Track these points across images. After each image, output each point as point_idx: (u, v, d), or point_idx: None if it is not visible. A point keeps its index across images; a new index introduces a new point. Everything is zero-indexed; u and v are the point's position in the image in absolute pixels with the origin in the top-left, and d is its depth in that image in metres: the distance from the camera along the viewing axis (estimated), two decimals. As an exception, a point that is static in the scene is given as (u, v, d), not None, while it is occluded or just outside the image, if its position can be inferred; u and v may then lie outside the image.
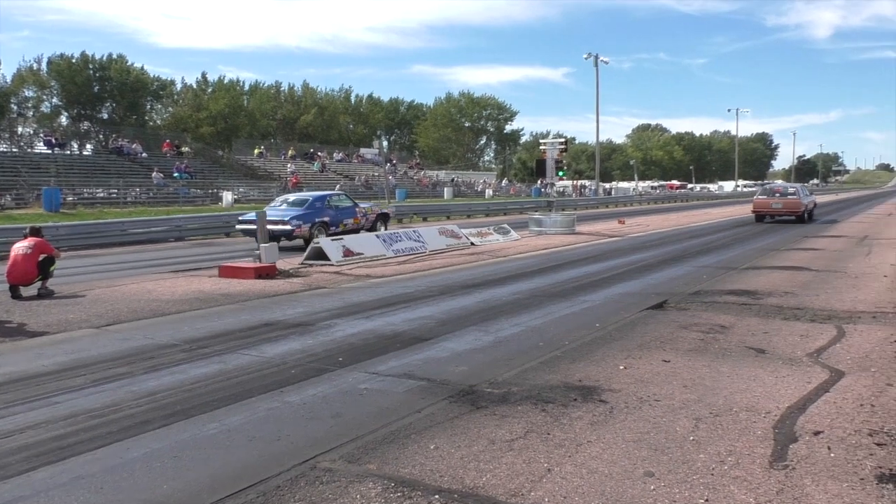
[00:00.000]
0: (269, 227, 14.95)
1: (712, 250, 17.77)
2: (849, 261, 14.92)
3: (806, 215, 27.48)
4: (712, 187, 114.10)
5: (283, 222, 16.48)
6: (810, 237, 21.39)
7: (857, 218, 33.11)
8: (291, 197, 18.73)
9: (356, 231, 18.68)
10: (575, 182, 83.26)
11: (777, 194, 28.33)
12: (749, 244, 19.30)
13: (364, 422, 5.04)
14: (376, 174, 57.63)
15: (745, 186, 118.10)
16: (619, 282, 12.18)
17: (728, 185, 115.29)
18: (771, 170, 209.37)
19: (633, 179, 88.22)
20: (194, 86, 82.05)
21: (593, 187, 72.45)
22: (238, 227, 18.02)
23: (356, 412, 5.26)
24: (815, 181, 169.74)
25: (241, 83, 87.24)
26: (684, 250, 17.71)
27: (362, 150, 71.86)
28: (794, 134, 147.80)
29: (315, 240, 15.51)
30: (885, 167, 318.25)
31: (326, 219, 17.90)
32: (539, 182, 63.79)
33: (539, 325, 8.44)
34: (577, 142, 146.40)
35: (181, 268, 14.53)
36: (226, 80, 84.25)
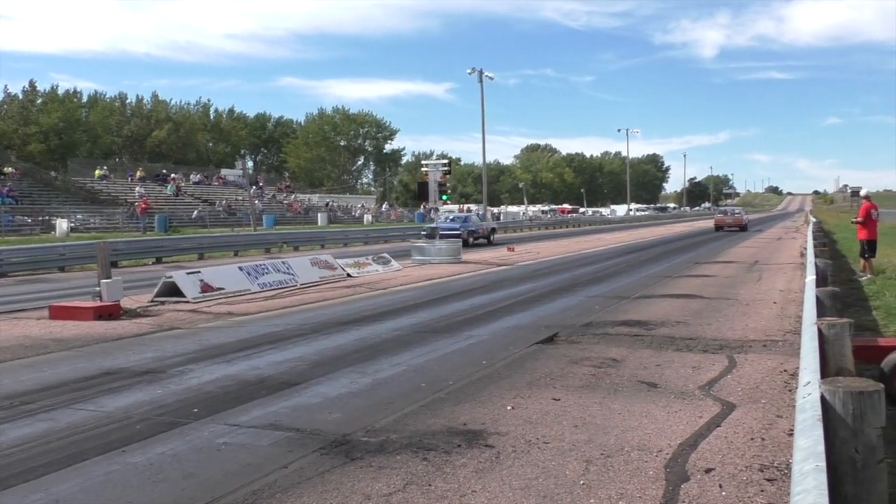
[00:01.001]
0: (442, 231, 27.87)
1: (604, 278, 18.52)
2: (740, 287, 15.97)
3: (746, 227, 47.63)
4: (604, 211, 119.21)
5: (454, 229, 30.39)
6: (702, 263, 22.75)
7: (747, 242, 35.53)
8: (451, 216, 34.62)
9: (486, 238, 34.27)
10: (461, 206, 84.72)
11: (728, 214, 50.15)
12: (641, 271, 20.26)
13: (222, 481, 4.86)
14: (240, 198, 56.37)
15: (637, 210, 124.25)
16: (507, 314, 12.46)
17: (621, 209, 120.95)
18: (663, 192, 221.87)
19: (523, 203, 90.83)
20: (20, 96, 77.46)
21: (480, 212, 74.06)
22: (423, 233, 31.53)
23: (213, 471, 5.06)
24: (707, 204, 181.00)
25: (79, 94, 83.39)
26: (576, 279, 18.36)
27: (223, 172, 70.23)
28: (685, 155, 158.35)
29: (167, 274, 15.02)
30: (774, 190, 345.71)
31: (472, 228, 33.42)
32: (423, 206, 64.58)
33: (421, 364, 8.48)
34: (462, 162, 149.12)
35: (1, 309, 13.63)
36: (60, 90, 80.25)
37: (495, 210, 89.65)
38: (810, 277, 9.40)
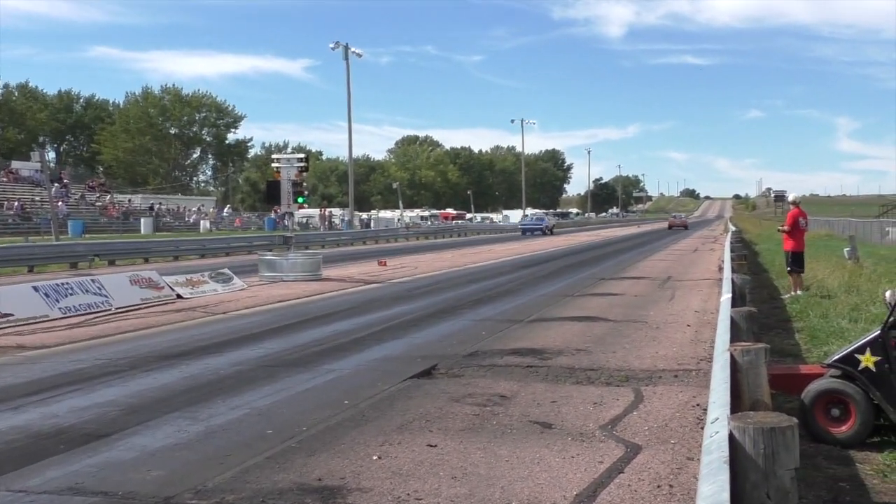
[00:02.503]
0: (525, 227, 70.71)
1: (494, 298, 18.86)
2: (650, 307, 16.63)
3: (687, 226, 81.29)
4: (496, 217, 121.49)
5: (538, 226, 69.71)
6: (608, 279, 23.56)
7: (660, 255, 37.07)
8: (532, 217, 79.09)
9: (552, 232, 70.52)
10: (323, 210, 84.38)
11: (676, 218, 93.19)
12: (538, 290, 20.77)
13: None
14: (38, 198, 53.94)
15: (544, 213, 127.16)
16: (376, 343, 12.49)
17: (515, 215, 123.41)
18: (564, 195, 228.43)
19: (398, 207, 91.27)
20: None
21: (346, 217, 74.01)
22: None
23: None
24: (614, 210, 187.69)
25: None
26: (460, 299, 18.62)
27: (15, 165, 67.00)
28: (589, 152, 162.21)
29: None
30: (691, 193, 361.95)
31: (547, 224, 72.41)
32: (274, 211, 63.82)
33: (268, 407, 8.38)
34: (324, 157, 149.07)
35: None
36: None
37: (364, 215, 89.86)
38: (725, 296, 9.89)
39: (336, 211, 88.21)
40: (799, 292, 17.47)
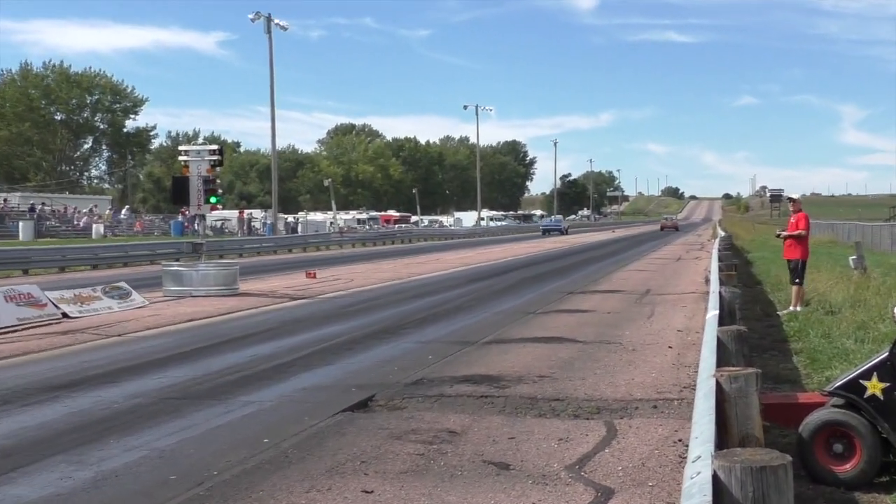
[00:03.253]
0: (545, 227, 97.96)
1: (444, 316, 18.89)
2: (625, 326, 16.77)
3: (678, 227, 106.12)
4: (446, 221, 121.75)
5: (557, 227, 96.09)
6: (577, 293, 23.71)
7: (638, 264, 37.39)
8: (551, 219, 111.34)
9: (567, 233, 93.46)
10: (241, 212, 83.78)
11: (668, 220, 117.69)
12: (495, 305, 20.84)
13: None
14: None
15: (492, 219, 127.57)
16: (303, 370, 12.46)
17: (469, 218, 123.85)
18: (527, 195, 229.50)
19: (331, 209, 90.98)
20: None
21: (269, 220, 73.53)
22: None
23: None
24: (585, 212, 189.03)
25: None
26: (403, 318, 18.61)
27: None
28: (556, 143, 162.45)
29: None
30: (674, 192, 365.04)
31: (566, 226, 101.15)
32: (182, 214, 63.20)
33: (172, 447, 8.31)
34: (242, 149, 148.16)
35: None
36: None
37: (290, 218, 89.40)
38: (712, 313, 10.01)
39: (257, 213, 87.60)
40: (798, 308, 17.72)
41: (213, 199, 25.51)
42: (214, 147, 26.78)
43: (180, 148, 27.49)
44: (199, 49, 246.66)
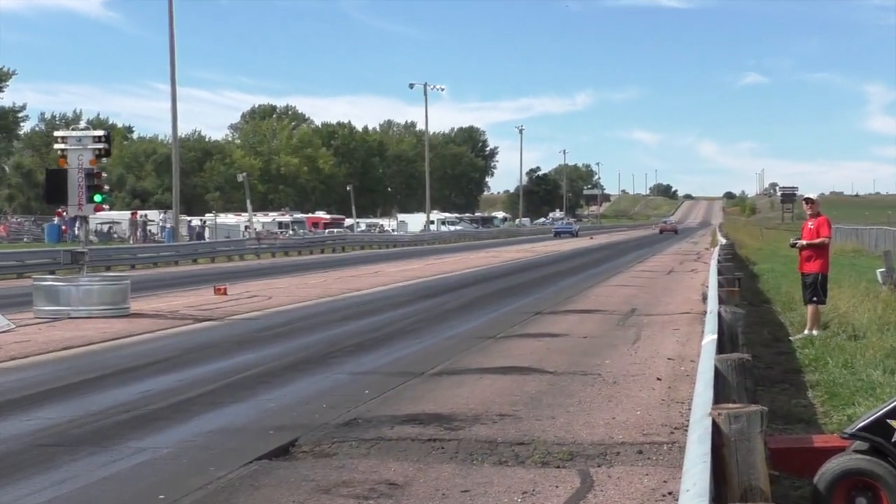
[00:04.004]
0: (558, 230, 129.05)
1: (384, 341, 18.89)
2: (605, 354, 16.84)
3: (677, 230, 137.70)
4: (389, 224, 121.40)
5: (569, 230, 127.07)
6: (546, 314, 23.78)
7: (621, 278, 37.58)
8: (562, 222, 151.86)
9: (577, 235, 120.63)
10: (134, 214, 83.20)
11: (666, 222, 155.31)
12: (446, 328, 20.87)
13: None
14: None
15: (446, 223, 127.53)
16: (209, 407, 12.38)
17: (416, 221, 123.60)
18: (487, 193, 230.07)
19: (247, 210, 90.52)
20: None
21: (168, 224, 72.97)
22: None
23: None
24: (557, 214, 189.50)
25: None
26: (335, 343, 18.61)
27: None
28: (521, 131, 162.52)
29: None
30: (665, 191, 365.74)
31: (572, 229, 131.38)
32: (58, 215, 62.38)
33: (42, 506, 8.19)
34: (135, 135, 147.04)
35: None
36: None
37: (196, 221, 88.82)
38: (709, 338, 10.04)
39: (153, 214, 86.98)
40: (815, 332, 17.76)
41: (97, 198, 25.24)
42: (100, 133, 26.45)
43: (56, 134, 27.06)
44: (81, 11, 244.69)
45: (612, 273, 41.09)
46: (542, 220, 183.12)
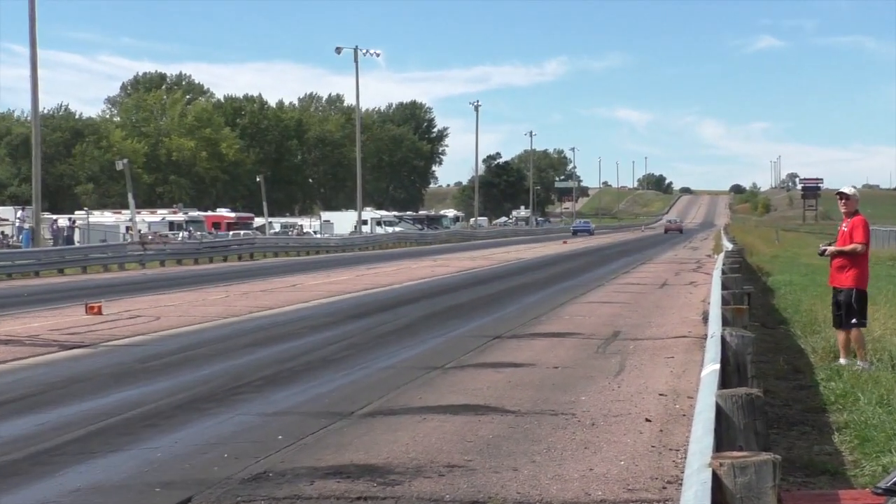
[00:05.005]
0: (575, 229, 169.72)
1: (302, 373, 18.91)
2: (581, 389, 16.87)
3: (682, 230, 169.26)
4: (310, 225, 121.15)
5: (587, 228, 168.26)
6: (508, 338, 23.77)
7: (601, 293, 37.72)
8: (580, 221, 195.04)
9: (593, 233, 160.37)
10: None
11: (671, 222, 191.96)
12: (382, 356, 20.86)
13: None
14: None
15: (382, 222, 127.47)
16: (78, 459, 12.32)
17: (345, 221, 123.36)
18: (434, 185, 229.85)
19: (128, 207, 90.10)
20: None
21: (27, 224, 72.36)
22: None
23: None
24: (522, 212, 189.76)
25: None
26: (240, 375, 18.61)
27: None
28: (478, 107, 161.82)
29: None
30: (659, 184, 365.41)
31: (590, 228, 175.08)
32: None
33: None
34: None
35: None
36: None
37: (63, 220, 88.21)
38: (709, 368, 10.10)
39: (7, 212, 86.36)
40: (859, 363, 17.50)
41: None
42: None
43: None
44: None
45: (592, 286, 41.18)
46: (504, 219, 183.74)
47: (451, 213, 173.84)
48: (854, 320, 17.90)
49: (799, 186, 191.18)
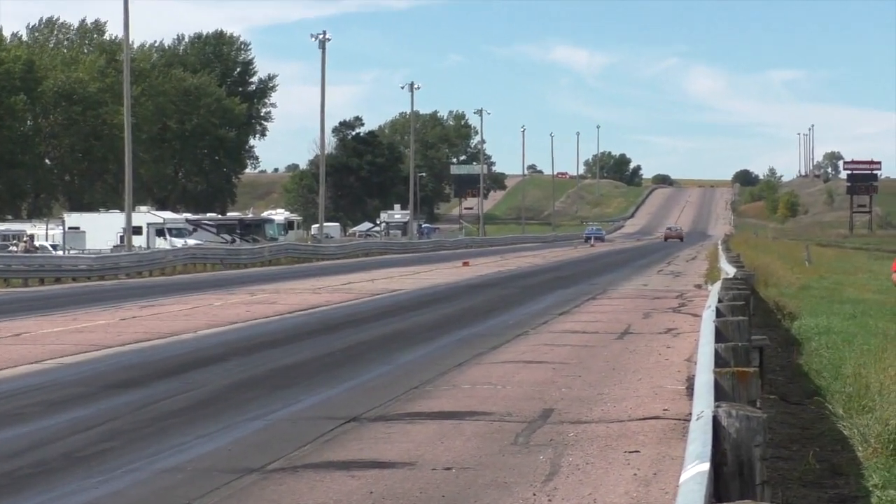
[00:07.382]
0: (591, 234, 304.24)
1: (171, 430, 19.91)
2: (507, 496, 16.95)
3: (683, 238, 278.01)
4: (46, 235, 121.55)
5: (599, 234, 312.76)
6: (371, 420, 23.88)
7: (523, 346, 37.92)
8: (593, 226, 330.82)
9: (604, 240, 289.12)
10: None
11: (672, 229, 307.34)
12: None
13: None
14: None
15: (167, 230, 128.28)
16: None
17: (102, 227, 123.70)
18: (253, 170, 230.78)
19: None
20: None
21: None
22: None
23: None
24: (397, 214, 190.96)
25: None
26: (87, 445, 18.91)
27: None
28: (324, 41, 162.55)
29: None
30: (622, 168, 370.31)
31: (602, 234, 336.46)
32: None
33: None
34: None
35: None
36: None
37: None
38: (694, 470, 10.23)
39: None
40: None
41: None
42: None
43: None
44: None
45: (508, 336, 41.37)
46: (368, 226, 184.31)
47: (279, 215, 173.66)
48: None
49: (843, 174, 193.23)
